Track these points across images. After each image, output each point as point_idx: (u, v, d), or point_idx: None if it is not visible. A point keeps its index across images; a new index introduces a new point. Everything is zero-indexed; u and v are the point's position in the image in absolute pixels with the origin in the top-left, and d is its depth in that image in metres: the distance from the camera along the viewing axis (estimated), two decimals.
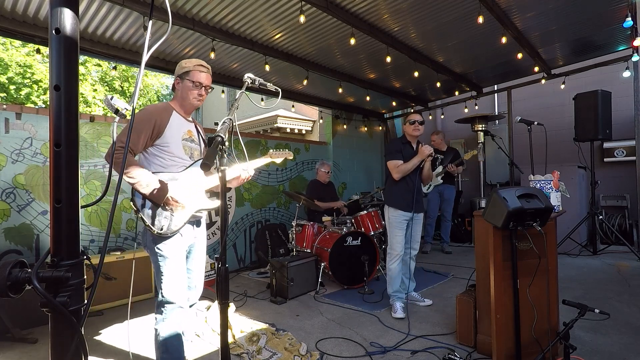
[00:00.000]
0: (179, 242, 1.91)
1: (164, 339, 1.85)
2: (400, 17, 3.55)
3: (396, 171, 3.15)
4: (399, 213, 3.15)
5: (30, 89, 12.24)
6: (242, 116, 10.30)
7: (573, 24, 3.86)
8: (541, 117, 5.93)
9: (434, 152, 3.13)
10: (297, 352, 2.41)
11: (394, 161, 3.19)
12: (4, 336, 2.69)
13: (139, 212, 1.80)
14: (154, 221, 1.81)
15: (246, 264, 5.16)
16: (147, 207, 1.80)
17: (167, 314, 1.87)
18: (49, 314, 0.80)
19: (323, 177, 4.90)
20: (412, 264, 3.29)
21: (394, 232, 3.17)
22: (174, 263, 1.89)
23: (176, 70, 2.00)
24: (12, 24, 3.22)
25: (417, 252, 3.32)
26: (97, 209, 3.75)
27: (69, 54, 0.83)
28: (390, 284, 3.17)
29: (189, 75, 1.95)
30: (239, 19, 3.48)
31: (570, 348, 1.85)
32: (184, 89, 1.96)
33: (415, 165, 3.11)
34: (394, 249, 3.16)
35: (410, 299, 3.27)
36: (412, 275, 3.32)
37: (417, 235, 3.28)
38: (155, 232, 1.80)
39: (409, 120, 3.26)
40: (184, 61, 2.00)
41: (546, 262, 2.07)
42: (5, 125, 3.24)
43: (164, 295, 1.86)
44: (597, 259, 4.74)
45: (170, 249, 1.87)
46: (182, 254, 1.95)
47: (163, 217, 1.83)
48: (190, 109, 2.03)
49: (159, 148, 1.86)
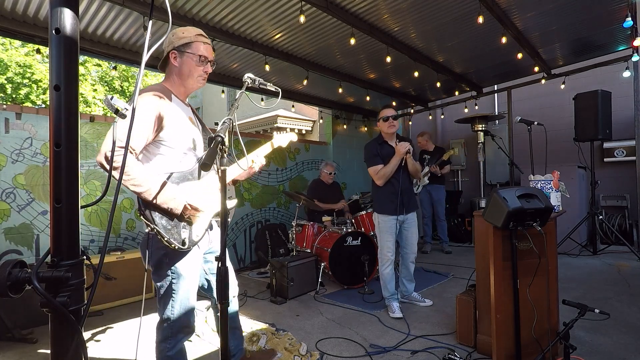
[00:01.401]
0: (196, 256, 1.65)
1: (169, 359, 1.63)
2: (400, 17, 3.55)
3: (377, 177, 3.06)
4: (388, 218, 3.07)
5: (29, 89, 12.25)
6: (242, 116, 10.31)
7: (573, 24, 3.86)
8: (541, 117, 5.93)
9: (411, 148, 3.00)
10: (297, 352, 2.41)
11: (373, 167, 3.08)
12: (4, 336, 2.69)
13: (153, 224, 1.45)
14: (172, 234, 1.49)
15: (246, 264, 5.16)
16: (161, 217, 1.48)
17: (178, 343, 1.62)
18: (49, 314, 0.80)
19: (326, 177, 4.90)
20: (411, 266, 3.24)
21: (384, 237, 3.10)
22: (190, 283, 1.61)
23: (170, 40, 1.59)
24: (12, 24, 3.22)
25: (416, 254, 3.24)
26: (97, 209, 3.75)
27: (69, 54, 0.83)
28: (385, 288, 3.14)
29: (191, 47, 1.59)
30: (239, 19, 3.48)
31: (570, 348, 1.85)
32: (185, 65, 1.59)
33: (396, 165, 3.01)
34: (384, 254, 3.12)
35: (410, 299, 3.26)
36: (412, 277, 3.29)
37: (413, 237, 3.19)
38: (176, 247, 1.49)
39: (381, 117, 3.09)
40: (179, 29, 1.61)
41: (546, 262, 2.07)
42: (5, 125, 3.24)
43: (173, 319, 1.58)
44: (597, 259, 4.74)
45: (187, 266, 1.59)
46: (198, 270, 1.69)
47: (182, 228, 1.52)
48: (190, 90, 1.68)
49: (161, 143, 1.53)
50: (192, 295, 1.64)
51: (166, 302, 1.58)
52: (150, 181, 1.43)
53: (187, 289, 1.60)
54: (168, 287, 1.57)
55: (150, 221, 1.45)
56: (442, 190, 5.61)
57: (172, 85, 1.64)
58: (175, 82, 1.64)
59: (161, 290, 1.58)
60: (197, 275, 1.68)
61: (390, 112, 3.10)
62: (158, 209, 1.47)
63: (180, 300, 1.59)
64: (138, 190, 1.41)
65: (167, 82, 1.65)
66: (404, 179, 3.07)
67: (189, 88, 1.67)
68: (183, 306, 1.60)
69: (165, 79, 1.67)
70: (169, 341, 1.61)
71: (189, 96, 1.77)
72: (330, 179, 4.92)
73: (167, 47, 1.61)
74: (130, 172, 1.39)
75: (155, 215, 1.46)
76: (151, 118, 1.47)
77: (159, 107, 1.50)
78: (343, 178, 6.65)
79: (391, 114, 3.09)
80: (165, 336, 1.61)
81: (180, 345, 1.65)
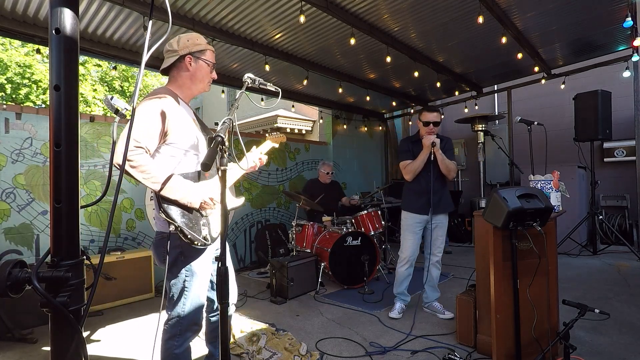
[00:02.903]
0: (209, 254, 1.68)
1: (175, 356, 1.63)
2: (400, 17, 3.55)
3: (405, 172, 2.99)
4: (411, 216, 2.98)
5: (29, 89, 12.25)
6: (242, 116, 10.31)
7: (573, 24, 3.86)
8: (541, 117, 5.94)
9: (437, 140, 2.83)
10: (297, 352, 2.41)
11: (403, 162, 3.00)
12: (4, 336, 2.69)
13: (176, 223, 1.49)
14: (195, 231, 1.53)
15: (246, 264, 5.16)
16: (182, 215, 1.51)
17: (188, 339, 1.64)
18: (49, 314, 0.80)
19: (323, 177, 4.91)
20: (435, 271, 3.02)
21: (404, 235, 3.03)
22: (202, 281, 1.65)
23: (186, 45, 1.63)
24: (12, 24, 3.22)
25: (439, 259, 3.02)
26: (97, 209, 3.75)
27: (69, 54, 0.83)
28: (396, 285, 3.10)
29: (206, 54, 1.66)
30: (239, 19, 3.48)
31: (570, 348, 1.85)
32: (199, 70, 1.66)
33: (423, 160, 2.88)
34: (403, 252, 3.03)
35: (431, 309, 3.07)
36: (435, 285, 3.06)
37: (439, 240, 3.00)
38: (198, 244, 1.52)
39: (422, 121, 2.91)
40: (193, 36, 1.66)
41: (546, 262, 2.07)
42: (5, 125, 3.24)
43: (183, 316, 1.60)
44: (597, 259, 4.74)
45: (200, 265, 1.62)
46: (209, 269, 1.72)
47: (202, 225, 1.55)
48: (197, 93, 1.74)
49: (171, 146, 1.57)
50: (203, 293, 1.67)
51: (178, 300, 1.60)
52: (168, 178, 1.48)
53: (198, 287, 1.63)
54: (181, 285, 1.60)
55: (172, 220, 1.49)
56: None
57: (180, 88, 1.68)
58: (184, 85, 1.68)
59: (173, 288, 1.60)
60: (208, 274, 1.71)
61: (432, 118, 2.87)
62: (177, 205, 1.51)
63: (191, 298, 1.61)
64: (157, 187, 1.46)
65: (173, 85, 1.68)
66: (434, 177, 2.91)
67: (197, 91, 1.73)
68: (194, 304, 1.62)
69: (171, 82, 1.70)
70: (176, 339, 1.62)
71: None
72: (328, 179, 4.93)
73: (182, 51, 1.63)
74: (149, 171, 1.44)
75: (176, 213, 1.50)
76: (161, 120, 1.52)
77: (168, 109, 1.54)
78: (343, 178, 6.65)
79: (433, 119, 2.87)
80: (173, 334, 1.62)
81: (187, 344, 1.66)
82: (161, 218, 1.54)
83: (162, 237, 1.60)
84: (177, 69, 1.67)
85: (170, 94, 1.61)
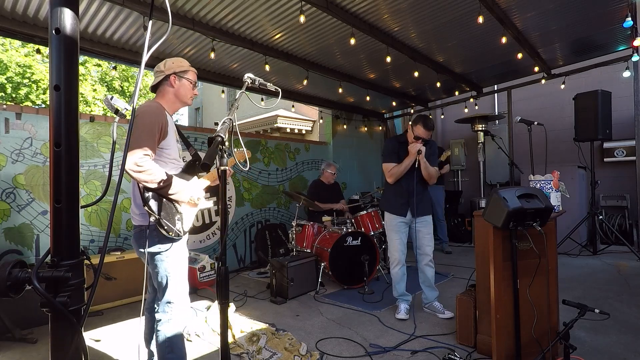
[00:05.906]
0: (185, 242, 1.93)
1: (169, 339, 1.82)
2: (400, 17, 3.55)
3: (388, 174, 3.06)
4: (392, 217, 3.08)
5: (29, 89, 12.25)
6: (242, 116, 10.31)
7: (573, 24, 3.86)
8: (541, 117, 5.93)
9: (423, 148, 2.92)
10: (297, 352, 2.41)
11: (387, 164, 3.07)
12: (4, 336, 2.69)
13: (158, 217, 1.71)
14: (171, 224, 1.77)
15: (246, 264, 5.15)
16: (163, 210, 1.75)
17: (174, 315, 1.84)
18: (49, 314, 0.80)
19: (328, 177, 4.88)
20: (428, 270, 3.05)
21: (389, 235, 3.11)
22: (182, 264, 1.89)
23: (171, 67, 1.93)
24: (12, 24, 3.22)
25: (430, 258, 3.06)
26: (97, 209, 3.75)
27: (69, 54, 0.83)
28: (395, 289, 3.11)
29: (188, 74, 1.95)
30: (239, 19, 3.48)
31: (570, 348, 1.85)
32: (182, 87, 1.94)
33: (408, 166, 2.96)
34: (392, 253, 3.10)
35: (431, 309, 3.08)
36: (432, 284, 3.08)
37: (425, 240, 3.06)
38: (173, 235, 1.77)
39: (415, 135, 2.95)
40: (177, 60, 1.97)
41: (546, 262, 2.07)
42: (5, 125, 3.24)
43: (171, 296, 1.83)
44: (597, 259, 4.74)
45: (178, 251, 1.86)
46: (186, 255, 1.96)
47: (177, 219, 1.81)
48: (180, 107, 2.02)
49: (160, 151, 1.82)
50: (185, 274, 1.91)
51: (165, 280, 1.82)
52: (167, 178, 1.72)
53: (180, 269, 1.87)
54: (164, 267, 1.82)
55: (153, 212, 1.70)
56: (441, 190, 5.61)
57: (167, 103, 1.94)
58: (170, 100, 1.94)
59: (159, 270, 1.82)
60: (186, 259, 1.95)
61: (425, 135, 2.93)
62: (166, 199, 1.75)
63: (176, 277, 1.84)
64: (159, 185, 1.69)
65: (161, 100, 1.93)
66: (416, 181, 2.99)
67: (180, 105, 2.00)
68: (179, 283, 1.86)
69: (159, 97, 1.95)
70: (166, 310, 1.83)
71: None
72: (332, 179, 4.92)
73: (167, 71, 1.91)
74: (154, 173, 1.67)
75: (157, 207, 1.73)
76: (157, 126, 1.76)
77: (162, 118, 1.81)
78: (343, 178, 6.65)
79: (423, 135, 2.92)
80: (167, 318, 1.83)
81: (180, 329, 1.85)
82: (144, 211, 1.76)
83: (141, 229, 1.82)
84: (163, 87, 1.94)
85: (160, 105, 1.89)
